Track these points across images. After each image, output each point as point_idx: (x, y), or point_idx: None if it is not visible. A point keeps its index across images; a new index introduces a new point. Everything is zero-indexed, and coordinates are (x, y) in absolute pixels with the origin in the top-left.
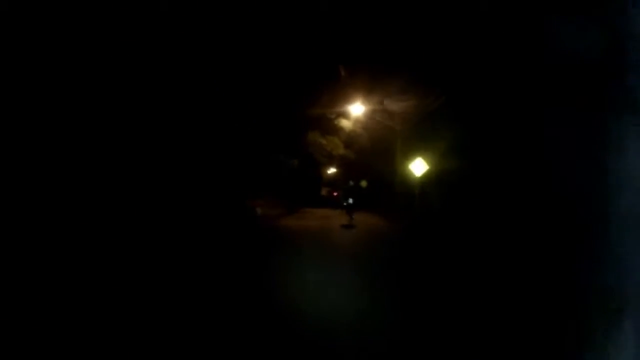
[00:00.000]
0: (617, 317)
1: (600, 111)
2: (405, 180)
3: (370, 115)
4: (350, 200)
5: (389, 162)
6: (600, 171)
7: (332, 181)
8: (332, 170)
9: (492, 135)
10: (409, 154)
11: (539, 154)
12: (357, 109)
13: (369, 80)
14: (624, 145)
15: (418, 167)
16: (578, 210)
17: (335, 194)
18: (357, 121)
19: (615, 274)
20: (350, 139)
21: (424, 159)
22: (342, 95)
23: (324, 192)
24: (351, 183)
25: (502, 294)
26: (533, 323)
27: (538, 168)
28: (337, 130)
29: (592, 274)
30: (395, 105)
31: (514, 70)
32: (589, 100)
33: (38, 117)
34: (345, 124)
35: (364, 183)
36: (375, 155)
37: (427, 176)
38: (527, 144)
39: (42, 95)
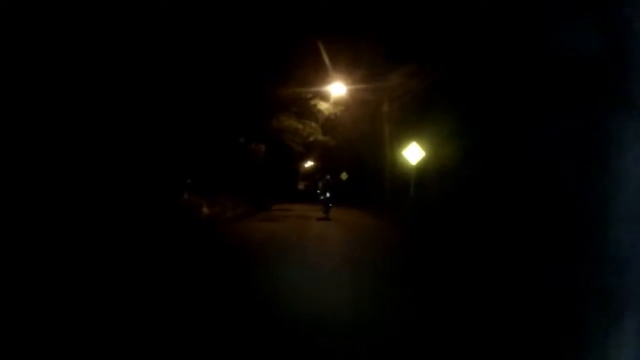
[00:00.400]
0: (617, 318)
1: (600, 110)
2: (398, 170)
3: (353, 96)
4: (328, 194)
5: (377, 150)
6: (600, 170)
7: (312, 174)
8: (311, 163)
9: (492, 128)
10: (402, 140)
11: (539, 153)
12: (337, 88)
13: (352, 54)
14: (624, 145)
15: (413, 153)
16: (578, 209)
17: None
18: (337, 103)
19: (615, 274)
20: (330, 124)
21: (420, 144)
22: (320, 71)
23: (301, 185)
24: (328, 177)
25: (503, 294)
26: (533, 323)
27: (538, 167)
28: (314, 113)
29: (592, 274)
30: (383, 82)
31: (513, 68)
32: (589, 99)
33: None
34: (323, 106)
35: (343, 175)
36: (360, 143)
37: (423, 164)
38: (527, 144)
39: None
